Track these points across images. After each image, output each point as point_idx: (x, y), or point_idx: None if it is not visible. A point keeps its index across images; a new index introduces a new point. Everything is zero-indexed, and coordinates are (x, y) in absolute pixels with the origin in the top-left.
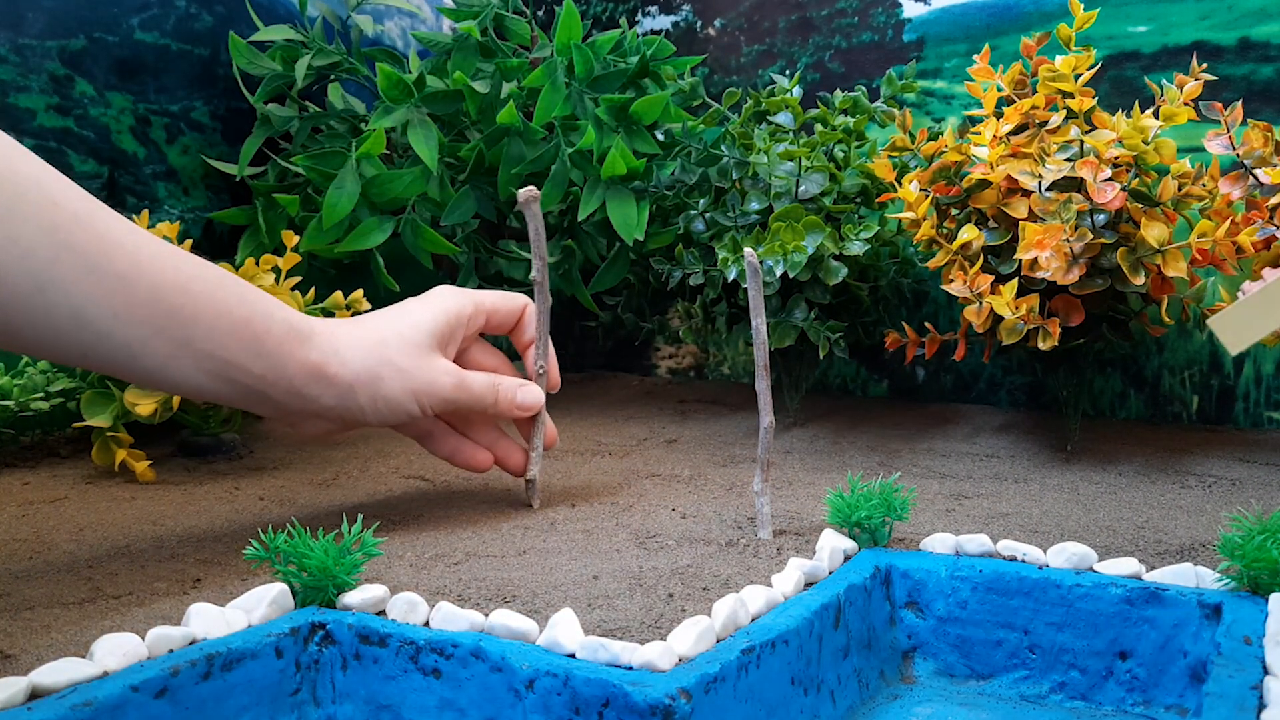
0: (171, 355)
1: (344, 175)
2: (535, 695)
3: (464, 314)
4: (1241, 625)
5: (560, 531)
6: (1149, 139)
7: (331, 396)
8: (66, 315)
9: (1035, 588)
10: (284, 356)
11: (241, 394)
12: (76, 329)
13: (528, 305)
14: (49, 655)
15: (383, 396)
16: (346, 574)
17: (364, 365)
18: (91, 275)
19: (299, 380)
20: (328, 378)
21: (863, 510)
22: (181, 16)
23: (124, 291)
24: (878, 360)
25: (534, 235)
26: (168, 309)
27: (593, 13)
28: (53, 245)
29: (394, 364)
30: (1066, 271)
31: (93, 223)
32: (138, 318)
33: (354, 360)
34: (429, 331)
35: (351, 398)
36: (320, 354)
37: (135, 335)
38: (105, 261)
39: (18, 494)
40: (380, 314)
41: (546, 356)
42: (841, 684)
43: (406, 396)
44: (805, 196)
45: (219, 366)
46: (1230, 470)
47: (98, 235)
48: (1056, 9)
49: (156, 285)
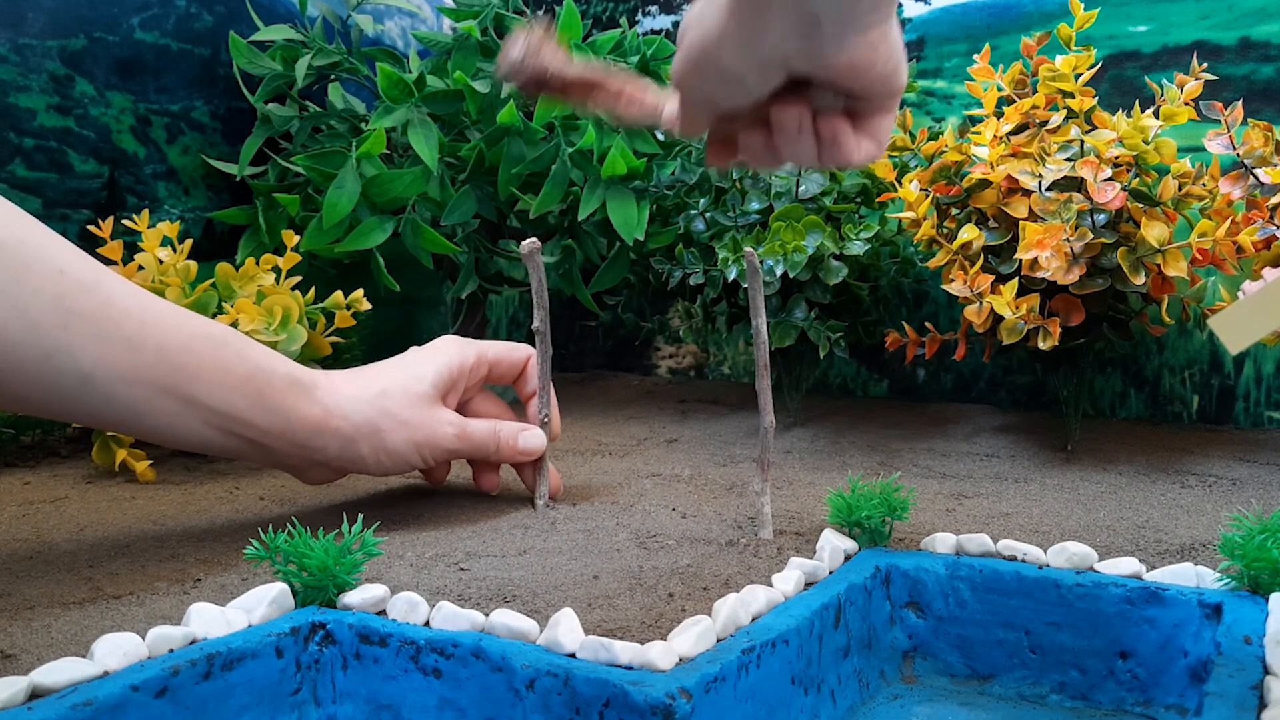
0: (178, 413)
1: (344, 175)
2: (535, 695)
3: (466, 364)
4: (1242, 625)
5: (560, 531)
6: (1149, 139)
7: (335, 448)
8: (74, 380)
9: (1035, 587)
10: (287, 410)
11: (246, 447)
12: (84, 393)
13: (530, 356)
14: (49, 655)
15: (384, 448)
16: (347, 574)
17: (365, 418)
18: (100, 341)
19: (302, 433)
20: (330, 430)
21: (863, 510)
22: (182, 16)
23: (131, 355)
24: (878, 360)
25: (536, 286)
26: (173, 368)
27: (593, 12)
28: (61, 313)
29: (395, 416)
30: (1067, 271)
31: (98, 289)
32: (144, 379)
33: (355, 413)
34: (431, 383)
35: (354, 449)
36: (323, 407)
37: (141, 395)
38: (113, 327)
39: (18, 494)
40: (382, 365)
41: (550, 405)
42: (842, 684)
43: (408, 448)
44: (805, 196)
45: (224, 422)
46: (1230, 470)
47: (104, 301)
48: (1057, 8)
49: (162, 346)
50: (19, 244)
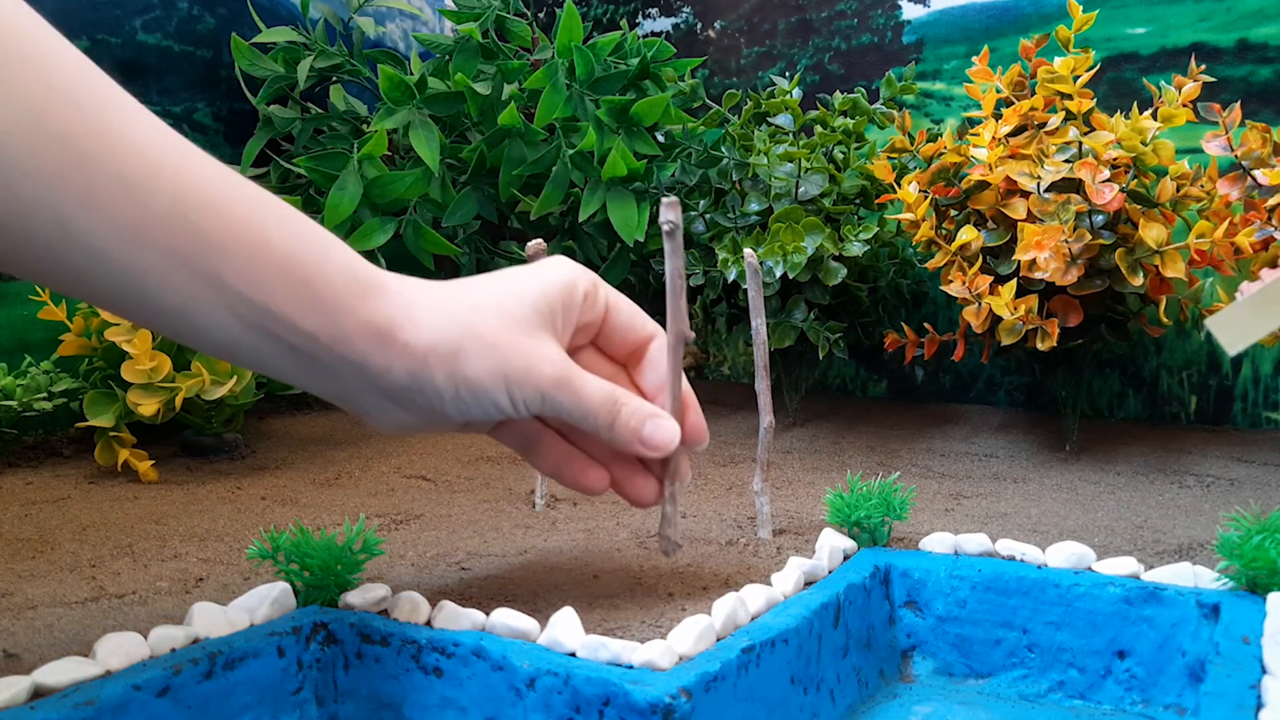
0: (194, 295)
1: (346, 176)
2: (536, 694)
3: (578, 290)
4: (1240, 624)
5: (561, 531)
6: (1147, 140)
7: (401, 370)
8: (51, 225)
9: (1034, 587)
10: (341, 310)
11: (287, 358)
12: (63, 245)
13: (658, 335)
14: (52, 654)
15: (464, 377)
16: (349, 573)
17: (444, 333)
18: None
19: (359, 343)
20: (397, 343)
21: (862, 510)
22: (184, 18)
23: (133, 205)
24: (877, 361)
25: None
26: (193, 232)
27: (593, 15)
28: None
29: (483, 337)
30: (1065, 272)
31: (100, 113)
32: (149, 238)
33: (431, 325)
34: (533, 305)
35: (425, 374)
36: (388, 313)
37: (145, 261)
38: (107, 160)
39: (21, 494)
40: (473, 279)
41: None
42: (841, 683)
43: (495, 380)
44: (805, 198)
45: (256, 315)
46: (1228, 470)
47: (101, 128)
48: (1055, 10)
49: (179, 198)
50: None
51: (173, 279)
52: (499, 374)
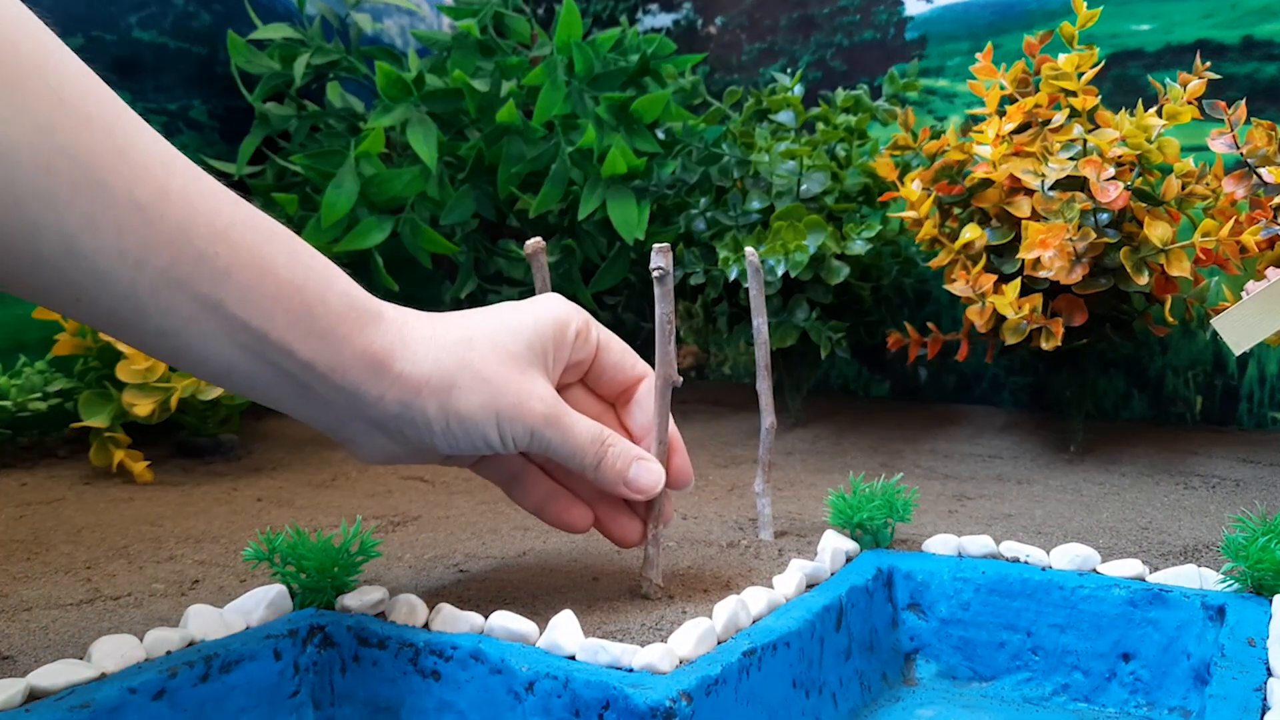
0: (193, 318)
1: (343, 174)
2: (535, 697)
3: (570, 328)
4: (1245, 627)
5: (560, 533)
6: (1152, 138)
7: (393, 400)
8: (55, 243)
9: (1038, 589)
10: (339, 339)
11: (281, 384)
12: (68, 264)
13: (648, 376)
14: (47, 657)
15: (455, 410)
16: (345, 575)
17: (438, 365)
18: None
19: (354, 372)
20: (391, 373)
21: (865, 511)
22: (179, 15)
23: (139, 225)
24: (880, 360)
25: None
26: (195, 256)
27: (593, 11)
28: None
29: (476, 371)
30: (1069, 271)
31: (111, 133)
32: (153, 261)
33: (426, 357)
34: (527, 342)
35: (417, 405)
36: (385, 342)
37: (147, 284)
38: (118, 181)
39: (15, 495)
40: (467, 312)
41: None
42: (843, 686)
43: (486, 415)
44: (807, 195)
45: (254, 341)
46: (1234, 471)
47: (113, 149)
48: (1059, 7)
49: (186, 224)
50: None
51: (173, 301)
52: (490, 409)
